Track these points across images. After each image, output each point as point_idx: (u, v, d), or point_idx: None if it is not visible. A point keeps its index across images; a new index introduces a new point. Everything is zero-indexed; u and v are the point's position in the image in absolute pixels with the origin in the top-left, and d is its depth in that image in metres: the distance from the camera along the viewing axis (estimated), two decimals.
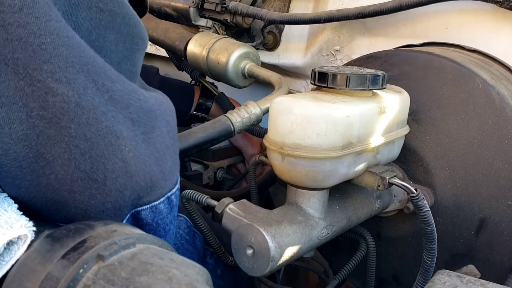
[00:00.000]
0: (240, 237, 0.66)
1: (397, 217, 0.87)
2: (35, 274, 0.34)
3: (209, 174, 1.21)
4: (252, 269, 0.66)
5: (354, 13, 0.99)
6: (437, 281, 0.52)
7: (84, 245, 0.35)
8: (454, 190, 0.79)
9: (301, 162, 0.66)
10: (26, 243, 0.37)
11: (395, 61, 0.86)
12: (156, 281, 0.32)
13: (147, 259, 0.34)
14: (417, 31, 1.00)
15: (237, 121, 0.88)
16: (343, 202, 0.77)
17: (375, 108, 0.70)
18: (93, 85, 0.44)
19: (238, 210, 0.69)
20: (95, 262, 0.34)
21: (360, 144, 0.69)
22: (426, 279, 0.73)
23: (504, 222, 0.75)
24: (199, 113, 1.32)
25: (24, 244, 0.36)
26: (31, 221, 0.38)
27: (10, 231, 0.35)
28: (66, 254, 0.34)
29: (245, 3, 1.17)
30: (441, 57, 0.82)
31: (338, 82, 0.69)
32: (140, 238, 0.37)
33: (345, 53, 1.13)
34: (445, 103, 0.80)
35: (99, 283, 0.32)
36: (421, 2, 0.90)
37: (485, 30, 0.91)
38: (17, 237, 0.36)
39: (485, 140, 0.76)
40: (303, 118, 0.65)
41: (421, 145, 0.82)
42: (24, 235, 0.37)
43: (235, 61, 1.06)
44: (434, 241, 0.71)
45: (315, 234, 0.70)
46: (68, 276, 0.32)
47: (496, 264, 0.77)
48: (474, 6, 0.91)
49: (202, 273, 0.35)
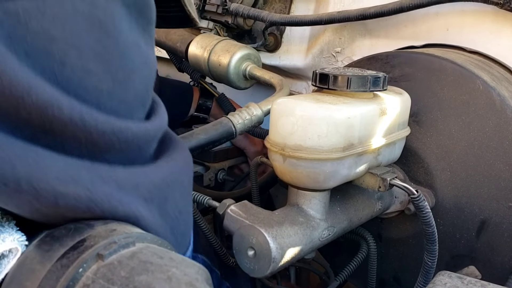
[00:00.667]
0: (242, 238, 0.66)
1: (398, 218, 0.87)
2: (34, 273, 0.34)
3: (210, 175, 1.21)
4: (253, 270, 0.66)
5: (355, 15, 0.99)
6: (438, 282, 0.52)
7: (84, 244, 0.35)
8: (455, 192, 0.79)
9: (302, 163, 0.66)
10: (17, 257, 0.37)
11: (396, 63, 0.86)
12: (155, 280, 0.32)
13: (147, 258, 0.34)
14: (418, 33, 1.00)
15: (238, 122, 0.88)
16: (344, 204, 0.77)
17: (376, 110, 0.70)
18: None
19: (240, 211, 0.69)
20: (94, 261, 0.34)
21: (361, 146, 0.69)
22: (427, 280, 0.73)
23: (505, 223, 0.75)
24: (199, 114, 1.32)
25: (14, 257, 0.37)
26: (24, 235, 0.38)
27: (1, 245, 0.36)
28: (65, 253, 0.34)
29: (246, 4, 1.17)
30: (442, 59, 0.82)
31: (339, 84, 0.69)
32: (140, 237, 0.37)
33: (346, 55, 1.13)
34: (446, 104, 0.80)
35: (98, 282, 0.32)
36: (422, 3, 0.90)
37: (486, 32, 0.91)
38: (8, 250, 0.36)
39: (486, 141, 0.76)
40: (304, 120, 0.65)
41: (422, 147, 0.82)
42: (15, 249, 0.37)
43: (236, 63, 1.06)
44: (435, 242, 0.71)
45: (316, 235, 0.70)
46: (68, 275, 0.32)
47: (497, 265, 0.77)
48: (475, 7, 0.91)
49: (201, 272, 0.35)
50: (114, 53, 0.43)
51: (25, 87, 0.36)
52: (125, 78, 0.44)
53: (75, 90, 0.40)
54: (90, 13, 0.41)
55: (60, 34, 0.39)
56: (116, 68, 0.43)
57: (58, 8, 0.39)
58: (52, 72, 0.39)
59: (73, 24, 0.40)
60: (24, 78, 0.36)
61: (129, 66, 0.45)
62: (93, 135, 0.40)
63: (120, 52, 0.44)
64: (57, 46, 0.39)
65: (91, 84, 0.41)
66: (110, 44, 0.42)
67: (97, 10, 0.41)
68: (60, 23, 0.39)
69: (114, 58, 0.43)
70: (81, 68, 0.40)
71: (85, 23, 0.40)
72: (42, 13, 0.38)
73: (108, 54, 0.42)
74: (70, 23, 0.39)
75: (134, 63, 0.45)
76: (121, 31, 0.43)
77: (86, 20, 0.40)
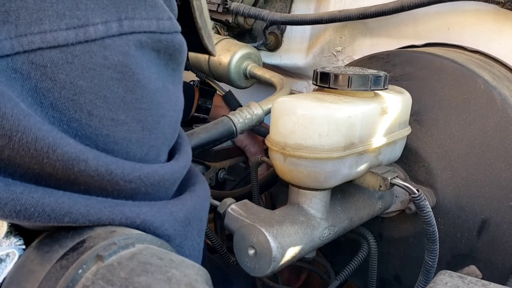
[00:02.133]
0: (242, 237, 0.66)
1: (398, 218, 0.87)
2: (34, 274, 0.34)
3: (211, 175, 1.21)
4: (254, 269, 0.66)
5: (356, 14, 0.99)
6: (438, 282, 0.52)
7: (83, 245, 0.35)
8: (456, 191, 0.79)
9: (303, 162, 0.66)
10: (14, 261, 0.37)
11: (397, 62, 0.86)
12: (155, 281, 0.32)
13: (146, 259, 0.34)
14: (419, 32, 1.00)
15: (239, 121, 0.88)
16: (345, 203, 0.77)
17: (377, 109, 0.70)
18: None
19: (240, 210, 0.69)
20: (94, 263, 0.34)
21: (362, 145, 0.69)
22: (428, 279, 0.73)
23: (506, 223, 0.75)
24: (199, 114, 1.31)
25: (11, 262, 0.37)
26: (22, 239, 0.38)
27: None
28: (65, 255, 0.34)
29: (246, 3, 1.17)
30: (442, 58, 0.82)
31: (340, 83, 0.69)
32: (140, 238, 0.37)
33: (347, 54, 1.13)
34: (447, 104, 0.80)
35: (98, 283, 0.32)
36: (422, 2, 0.90)
37: (487, 31, 0.91)
38: (5, 255, 0.36)
39: (486, 141, 0.76)
40: (305, 119, 0.65)
41: (423, 146, 0.82)
42: (12, 253, 0.37)
43: (237, 62, 1.07)
44: (435, 242, 0.71)
45: (317, 234, 0.70)
46: (67, 276, 0.32)
47: (497, 265, 0.77)
48: (476, 7, 0.91)
49: (201, 273, 0.35)
50: (144, 101, 0.42)
51: (50, 143, 0.35)
52: (154, 124, 0.44)
53: (103, 141, 0.40)
54: (120, 62, 0.40)
55: (89, 85, 0.38)
56: (146, 115, 0.42)
57: (87, 60, 0.38)
58: (80, 124, 0.38)
59: (102, 75, 0.39)
60: (48, 133, 0.35)
61: (159, 112, 0.44)
62: (120, 184, 0.40)
63: (149, 99, 0.43)
64: (85, 97, 0.38)
65: (120, 135, 0.41)
66: (140, 93, 0.42)
67: (128, 60, 0.40)
68: (89, 74, 0.38)
69: (143, 106, 0.42)
70: (110, 119, 0.40)
71: (115, 73, 0.39)
72: (71, 64, 0.37)
73: (138, 103, 0.42)
74: (100, 74, 0.39)
75: (163, 108, 0.44)
76: (150, 78, 0.43)
77: (116, 70, 0.40)
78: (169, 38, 0.44)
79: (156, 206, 0.42)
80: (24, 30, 0.35)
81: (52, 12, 0.36)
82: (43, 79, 0.36)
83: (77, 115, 0.38)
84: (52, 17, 0.36)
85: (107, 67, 0.39)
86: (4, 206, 0.33)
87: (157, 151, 0.45)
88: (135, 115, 0.41)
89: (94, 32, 0.38)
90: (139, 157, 0.43)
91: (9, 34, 0.35)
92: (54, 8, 0.36)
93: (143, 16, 0.41)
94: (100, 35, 0.38)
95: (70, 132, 0.38)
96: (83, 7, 0.38)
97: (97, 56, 0.38)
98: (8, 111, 0.33)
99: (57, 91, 0.37)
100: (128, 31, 0.40)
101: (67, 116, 0.38)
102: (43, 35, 0.36)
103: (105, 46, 0.39)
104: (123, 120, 0.41)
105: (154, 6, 0.42)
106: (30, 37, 0.35)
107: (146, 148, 0.43)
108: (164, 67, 0.45)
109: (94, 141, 0.39)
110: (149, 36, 0.42)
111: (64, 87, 0.37)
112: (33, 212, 0.34)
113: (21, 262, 0.36)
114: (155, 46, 0.43)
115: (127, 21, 0.40)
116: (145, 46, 0.42)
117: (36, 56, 0.36)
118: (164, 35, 0.43)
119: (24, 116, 0.34)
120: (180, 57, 0.47)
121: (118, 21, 0.39)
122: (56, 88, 0.37)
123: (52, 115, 0.37)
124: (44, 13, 0.36)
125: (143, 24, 0.41)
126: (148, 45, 0.42)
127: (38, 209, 0.35)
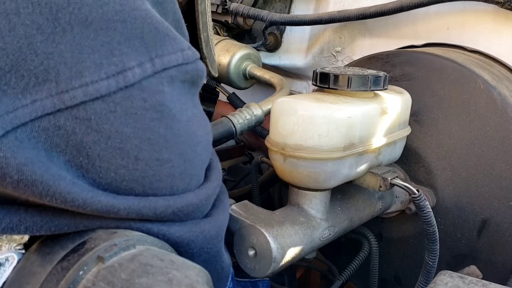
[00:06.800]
0: (242, 238, 0.66)
1: (398, 218, 0.87)
2: (35, 276, 0.34)
3: None
4: (254, 270, 0.66)
5: (355, 14, 0.99)
6: (439, 282, 0.52)
7: (84, 247, 0.35)
8: (456, 191, 0.79)
9: (303, 163, 0.66)
10: (13, 265, 0.37)
11: (397, 62, 0.86)
12: (156, 282, 0.32)
13: (147, 260, 0.34)
14: (418, 32, 1.00)
15: (238, 122, 0.88)
16: (345, 203, 0.77)
17: (376, 109, 0.70)
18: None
19: (240, 211, 0.69)
20: (95, 264, 0.34)
21: (362, 145, 0.69)
22: (428, 280, 0.73)
23: (506, 223, 0.75)
24: None
25: (10, 266, 0.37)
26: (21, 244, 0.38)
27: None
28: (66, 256, 0.34)
29: (246, 4, 1.17)
30: (442, 58, 0.82)
31: (339, 83, 0.69)
32: (140, 240, 0.37)
33: (346, 54, 1.13)
34: (447, 104, 0.80)
35: (99, 285, 0.32)
36: (422, 3, 0.90)
37: (487, 31, 0.91)
38: (4, 259, 0.36)
39: (486, 141, 0.76)
40: (305, 119, 0.65)
41: (422, 146, 0.82)
42: (11, 257, 0.37)
43: (236, 63, 1.06)
44: (436, 242, 0.71)
45: (317, 235, 0.70)
46: (68, 278, 0.32)
47: (498, 265, 0.77)
48: (475, 7, 0.91)
49: (202, 274, 0.35)
50: (181, 134, 0.42)
51: (80, 203, 0.36)
52: (193, 154, 0.44)
53: (149, 182, 0.40)
54: (158, 102, 0.40)
55: (133, 130, 0.38)
56: (185, 148, 0.43)
57: (129, 105, 0.38)
58: (127, 170, 0.39)
59: (144, 118, 0.39)
60: (78, 195, 0.36)
61: (194, 141, 0.44)
62: (153, 220, 0.41)
63: (185, 131, 0.43)
64: (131, 143, 0.38)
65: (165, 172, 0.41)
66: (177, 127, 0.42)
67: (163, 97, 0.40)
68: (132, 119, 0.38)
69: (182, 140, 0.42)
70: (155, 159, 0.40)
71: (154, 113, 0.40)
72: (114, 113, 0.37)
73: (177, 137, 0.42)
74: (141, 117, 0.39)
75: (197, 135, 0.45)
76: (182, 110, 0.43)
77: (155, 110, 0.40)
78: (193, 67, 0.44)
79: (187, 225, 0.43)
80: (65, 86, 0.35)
81: (91, 63, 0.36)
82: (89, 132, 0.36)
83: (124, 162, 0.38)
84: (91, 68, 0.36)
85: (146, 109, 0.39)
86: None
87: (197, 178, 0.46)
88: (177, 150, 0.42)
89: (132, 77, 0.38)
90: (182, 188, 0.43)
91: (49, 92, 0.35)
92: (91, 58, 0.36)
93: (169, 51, 0.41)
94: (138, 78, 0.38)
95: (118, 179, 0.38)
96: (118, 52, 0.37)
97: (137, 99, 0.38)
98: (38, 178, 0.34)
99: (103, 142, 0.37)
100: (160, 69, 0.40)
101: (114, 165, 0.38)
102: (84, 88, 0.36)
103: (142, 89, 0.39)
104: (167, 158, 0.41)
105: (176, 38, 0.42)
106: (72, 92, 0.35)
107: (188, 179, 0.44)
108: (189, 95, 0.45)
109: (141, 183, 0.39)
110: (178, 70, 0.42)
111: (110, 137, 0.37)
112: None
113: (22, 263, 0.36)
114: (182, 77, 0.43)
115: (157, 59, 0.40)
116: (175, 80, 0.42)
117: (79, 110, 0.36)
118: (189, 65, 0.43)
119: (54, 181, 0.34)
120: (201, 82, 0.47)
121: (150, 60, 0.39)
122: (102, 139, 0.37)
123: (99, 165, 0.37)
124: (83, 65, 0.36)
125: (171, 59, 0.41)
126: (178, 78, 0.42)
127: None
